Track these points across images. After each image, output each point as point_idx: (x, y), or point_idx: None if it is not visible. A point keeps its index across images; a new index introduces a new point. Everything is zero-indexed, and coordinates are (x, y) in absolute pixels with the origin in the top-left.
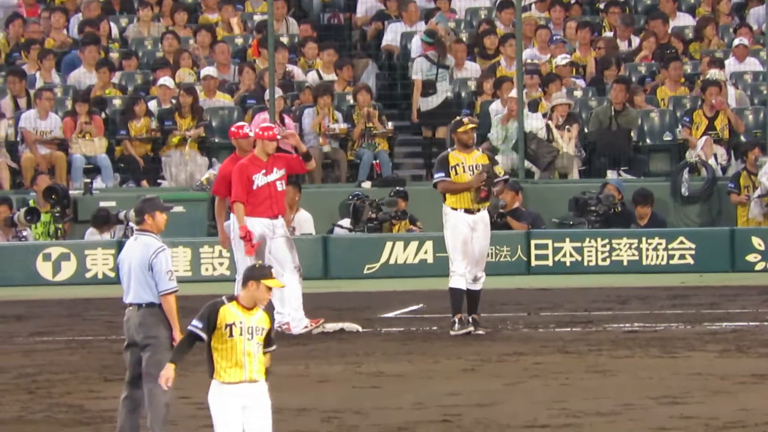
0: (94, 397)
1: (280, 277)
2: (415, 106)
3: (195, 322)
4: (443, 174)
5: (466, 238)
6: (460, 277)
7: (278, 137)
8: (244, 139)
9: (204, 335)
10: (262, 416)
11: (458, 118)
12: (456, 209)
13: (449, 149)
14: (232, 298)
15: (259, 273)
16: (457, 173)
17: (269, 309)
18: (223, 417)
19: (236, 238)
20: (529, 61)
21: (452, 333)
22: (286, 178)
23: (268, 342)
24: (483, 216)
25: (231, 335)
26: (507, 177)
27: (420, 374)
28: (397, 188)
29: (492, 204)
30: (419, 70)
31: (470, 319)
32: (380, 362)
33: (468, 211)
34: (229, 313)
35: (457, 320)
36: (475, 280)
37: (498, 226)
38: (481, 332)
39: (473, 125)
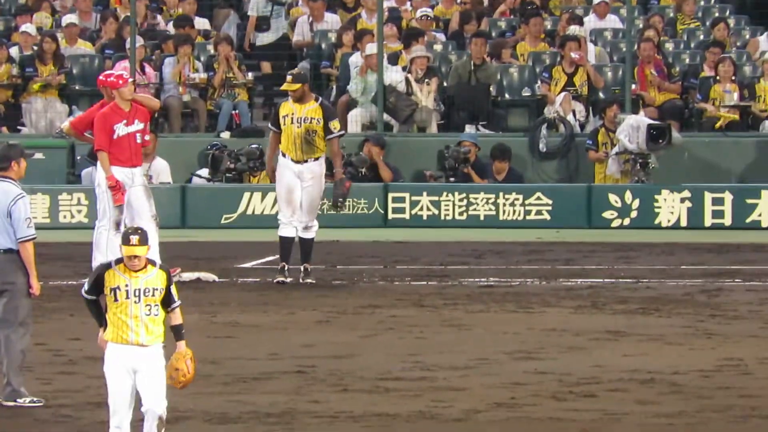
0: None
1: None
2: (248, 41)
3: (85, 286)
4: (271, 122)
5: (291, 186)
6: (285, 225)
7: (129, 81)
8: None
9: (91, 297)
10: (154, 381)
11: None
12: (284, 156)
13: (287, 98)
14: (120, 260)
15: (121, 239)
16: (284, 124)
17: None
18: (111, 378)
19: (101, 187)
20: (389, 14)
21: (275, 280)
22: (147, 132)
23: (168, 300)
24: (311, 166)
25: (116, 299)
26: (343, 132)
27: (275, 325)
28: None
29: (359, 159)
30: (254, 6)
31: (302, 268)
32: (236, 312)
33: (293, 160)
34: (113, 276)
35: (280, 267)
36: (306, 228)
37: (363, 180)
38: (310, 281)
39: (290, 84)
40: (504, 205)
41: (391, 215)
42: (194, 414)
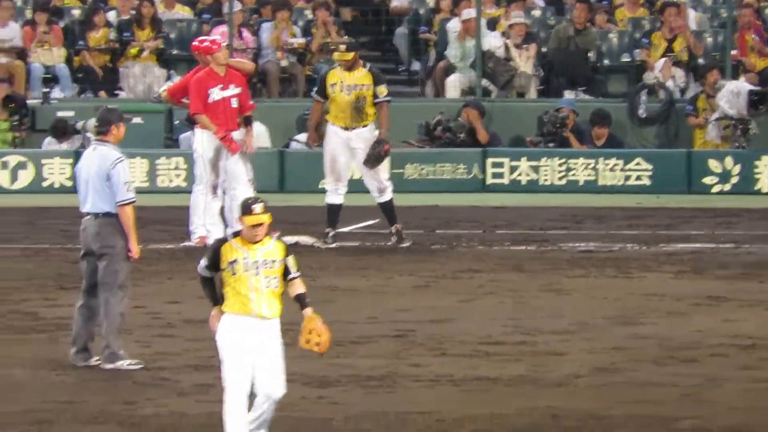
0: (50, 305)
1: (233, 191)
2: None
3: (201, 261)
4: (316, 89)
5: (336, 154)
6: (330, 193)
7: (223, 46)
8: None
9: (210, 274)
10: (272, 354)
11: (338, 43)
12: (333, 124)
13: (334, 66)
14: (237, 233)
15: (242, 210)
16: (334, 92)
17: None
18: (228, 350)
19: (197, 152)
20: None
21: (314, 244)
22: (244, 97)
23: (287, 272)
24: (361, 133)
25: (234, 273)
26: (388, 99)
27: (374, 289)
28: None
29: (457, 124)
30: None
31: (392, 230)
32: (334, 277)
33: (342, 127)
34: (231, 249)
35: (324, 232)
36: (381, 192)
37: (461, 145)
38: (406, 244)
39: (349, 54)
40: (604, 170)
41: (489, 180)
42: (295, 377)
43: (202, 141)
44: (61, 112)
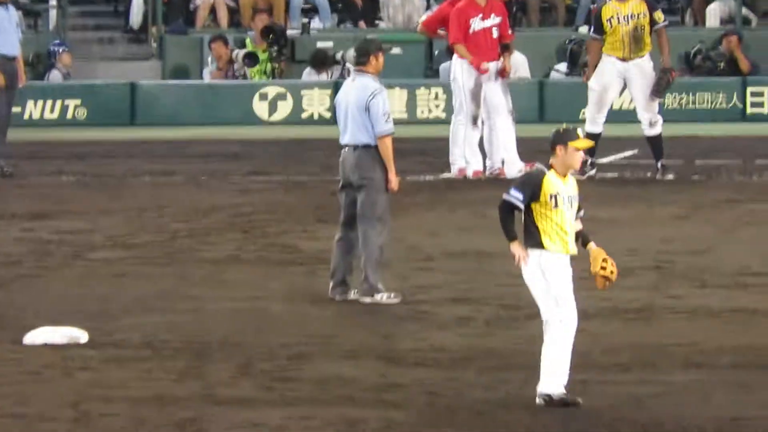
0: (308, 238)
1: (493, 122)
2: None
3: (514, 192)
4: (592, 28)
5: (608, 85)
6: (589, 122)
7: None
8: None
9: (522, 206)
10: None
11: None
12: (610, 55)
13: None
14: (549, 166)
15: (565, 137)
16: (611, 26)
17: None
18: (566, 289)
19: (456, 81)
20: None
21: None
22: (504, 27)
23: (579, 207)
24: (640, 63)
25: (556, 205)
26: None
27: (634, 220)
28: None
29: (717, 53)
30: None
31: (659, 165)
32: (594, 207)
33: (620, 59)
34: (551, 182)
35: (583, 161)
36: (651, 125)
37: (721, 74)
38: (669, 177)
39: None
40: None
41: (749, 109)
42: None
43: (462, 71)
44: (320, 42)
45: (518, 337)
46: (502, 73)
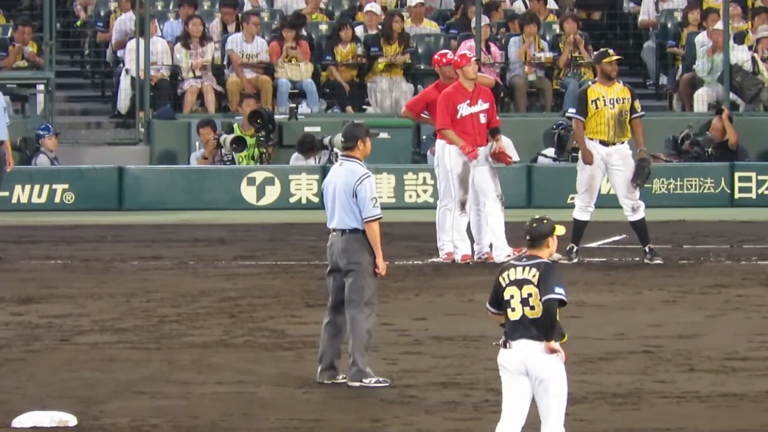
0: (296, 322)
1: (481, 206)
2: None
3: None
4: (575, 110)
5: (595, 171)
6: (580, 210)
7: (472, 60)
8: (447, 67)
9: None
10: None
11: (603, 49)
12: (592, 139)
13: (590, 82)
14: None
15: (551, 227)
16: (597, 107)
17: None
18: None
19: (442, 166)
20: None
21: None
22: (491, 112)
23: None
24: (620, 149)
25: None
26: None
27: (622, 305)
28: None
29: (705, 139)
30: None
31: (646, 249)
32: (582, 292)
33: (603, 143)
34: None
35: (568, 248)
36: (634, 210)
37: (708, 159)
38: (658, 261)
39: (618, 57)
40: None
41: (737, 194)
42: None
43: (450, 156)
44: (308, 127)
45: None
46: (503, 157)
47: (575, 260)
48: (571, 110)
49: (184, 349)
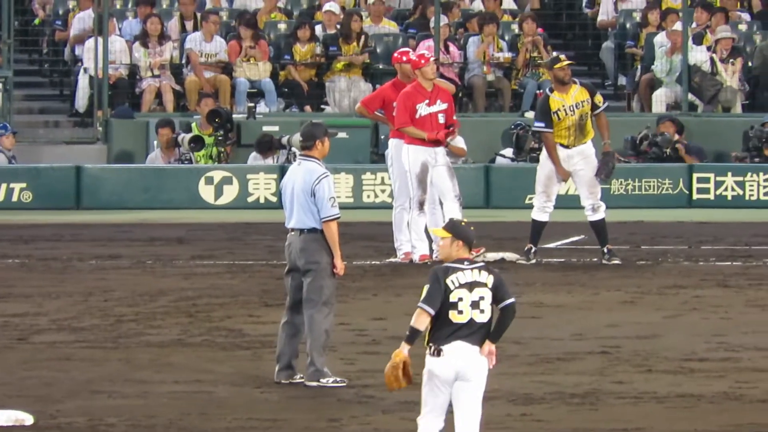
0: (254, 322)
1: (438, 206)
2: None
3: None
4: (544, 124)
5: (552, 172)
6: (538, 210)
7: (431, 60)
8: (407, 65)
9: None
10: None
11: (555, 54)
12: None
13: (547, 91)
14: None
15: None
16: (560, 118)
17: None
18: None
19: (398, 167)
20: None
21: (516, 260)
22: (450, 112)
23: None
24: (582, 149)
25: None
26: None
27: (580, 305)
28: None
29: (663, 139)
30: None
31: (605, 250)
32: (540, 293)
33: (564, 146)
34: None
35: (526, 249)
36: (594, 210)
37: (667, 160)
38: (616, 262)
39: (569, 62)
40: None
41: (695, 195)
42: (499, 394)
43: (408, 156)
44: (266, 127)
45: None
46: (457, 150)
47: (533, 261)
48: (538, 124)
49: (141, 348)
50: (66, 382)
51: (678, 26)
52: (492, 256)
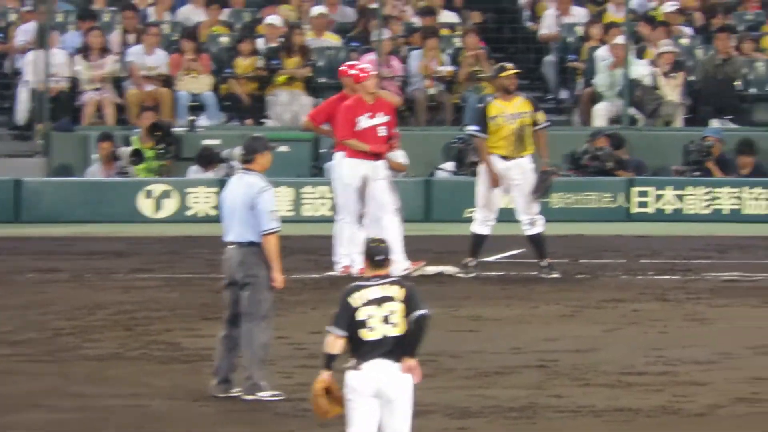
0: (192, 335)
1: (379, 220)
2: None
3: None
4: (478, 128)
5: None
6: (478, 223)
7: (372, 75)
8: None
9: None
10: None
11: (500, 64)
12: (491, 154)
13: (489, 97)
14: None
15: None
16: (497, 124)
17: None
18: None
19: (339, 180)
20: (636, 7)
21: (454, 274)
22: (391, 125)
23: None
24: (521, 162)
25: None
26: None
27: (518, 319)
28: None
29: (605, 153)
30: None
31: (543, 264)
32: (478, 306)
33: (503, 157)
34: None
35: (464, 262)
36: (531, 224)
37: (608, 174)
38: (556, 275)
39: (516, 71)
40: (748, 199)
41: (635, 209)
42: (436, 408)
43: (348, 170)
44: (207, 140)
45: None
46: (397, 165)
47: (473, 274)
48: (473, 128)
49: (79, 362)
50: (4, 397)
51: (620, 40)
52: (432, 269)
